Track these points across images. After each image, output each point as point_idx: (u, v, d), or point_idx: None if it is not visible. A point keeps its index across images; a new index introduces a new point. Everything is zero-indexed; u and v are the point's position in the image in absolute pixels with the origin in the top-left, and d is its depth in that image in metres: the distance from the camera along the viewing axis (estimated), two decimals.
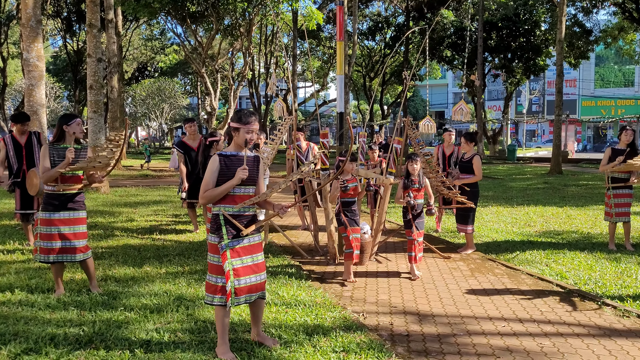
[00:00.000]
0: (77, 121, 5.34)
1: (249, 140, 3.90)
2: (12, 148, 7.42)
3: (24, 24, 9.91)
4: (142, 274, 6.26)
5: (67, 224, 5.27)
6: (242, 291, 3.86)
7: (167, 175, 20.62)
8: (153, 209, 11.48)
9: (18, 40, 35.74)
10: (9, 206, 11.82)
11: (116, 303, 5.14)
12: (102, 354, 4.00)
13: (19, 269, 6.43)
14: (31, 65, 9.80)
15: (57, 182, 5.21)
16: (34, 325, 4.55)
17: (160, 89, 40.80)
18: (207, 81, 25.15)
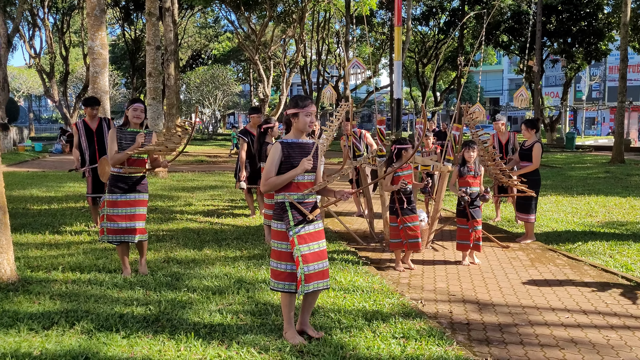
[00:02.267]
0: (134, 106, 5.49)
1: (309, 124, 3.93)
2: (84, 133, 7.67)
3: (88, 13, 10.23)
4: (202, 256, 6.42)
5: (130, 205, 5.46)
6: (311, 278, 3.90)
7: (221, 161, 20.98)
8: (210, 193, 11.72)
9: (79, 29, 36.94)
10: (74, 189, 12.32)
11: (179, 284, 5.30)
12: (168, 333, 4.13)
13: (86, 249, 6.70)
14: (95, 53, 10.12)
15: (123, 164, 5.39)
16: (103, 304, 4.74)
17: (213, 76, 41.41)
18: (260, 68, 25.38)
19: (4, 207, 5.29)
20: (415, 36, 36.35)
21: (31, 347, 3.86)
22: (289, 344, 3.94)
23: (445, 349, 3.93)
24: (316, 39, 34.36)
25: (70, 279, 5.45)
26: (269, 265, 5.93)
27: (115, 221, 5.40)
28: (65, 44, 32.98)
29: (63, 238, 7.33)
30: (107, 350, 3.80)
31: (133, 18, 34.60)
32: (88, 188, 7.81)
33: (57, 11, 33.12)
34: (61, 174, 16.26)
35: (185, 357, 3.72)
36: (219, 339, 4.04)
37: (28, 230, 7.72)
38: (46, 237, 7.38)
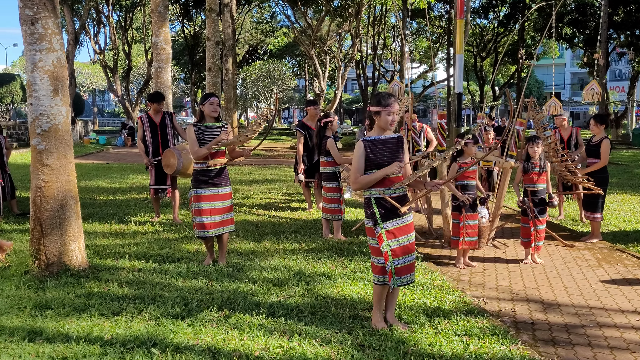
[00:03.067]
0: (210, 100, 5.62)
1: (390, 122, 3.93)
2: (148, 127, 7.90)
3: (153, 10, 10.51)
4: (261, 248, 6.51)
5: (215, 199, 5.59)
6: (402, 271, 3.97)
7: (277, 155, 21.19)
8: (267, 187, 11.87)
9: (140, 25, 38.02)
10: (137, 181, 12.71)
11: (240, 275, 5.39)
12: (231, 322, 4.22)
13: (150, 239, 6.91)
14: (159, 49, 10.39)
15: (207, 158, 5.53)
16: (169, 291, 4.88)
17: (269, 71, 41.81)
18: (316, 63, 25.44)
19: (76, 197, 5.52)
20: (473, 29, 35.61)
21: (102, 331, 4.02)
22: (350, 337, 3.95)
23: (510, 348, 3.85)
24: (372, 33, 34.15)
25: (136, 267, 5.64)
26: (327, 259, 6.00)
27: (202, 216, 5.55)
28: (128, 40, 34.01)
29: (128, 228, 7.58)
30: (174, 337, 3.91)
31: (192, 14, 35.32)
32: (151, 180, 8.02)
33: (120, 8, 34.16)
34: (124, 166, 16.82)
35: (249, 347, 3.79)
36: (280, 330, 4.09)
37: (95, 219, 8.02)
38: (112, 226, 7.65)
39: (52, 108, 5.24)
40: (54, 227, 5.28)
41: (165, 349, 3.70)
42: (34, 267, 5.28)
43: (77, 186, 5.59)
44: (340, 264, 5.82)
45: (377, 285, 4.11)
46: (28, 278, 5.16)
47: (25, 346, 3.76)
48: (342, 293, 4.89)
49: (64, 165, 5.35)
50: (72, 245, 5.39)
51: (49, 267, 5.25)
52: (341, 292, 4.91)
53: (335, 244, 6.68)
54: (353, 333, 4.03)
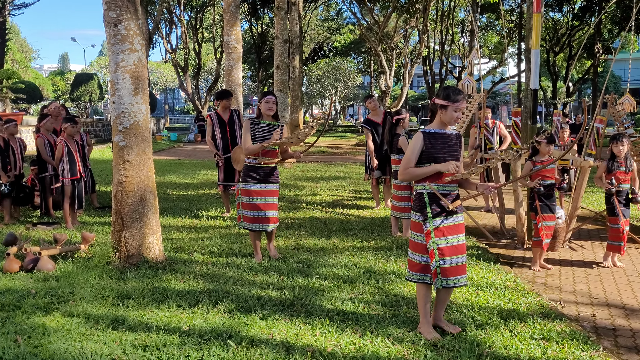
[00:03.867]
0: (266, 99, 5.69)
1: (455, 119, 3.85)
2: (217, 125, 8.10)
3: (225, 10, 10.76)
4: (330, 245, 6.54)
5: (262, 195, 5.68)
6: (450, 272, 3.84)
7: (342, 153, 21.22)
8: (333, 184, 11.91)
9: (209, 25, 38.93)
10: (207, 177, 13.06)
11: (310, 271, 5.44)
12: (303, 317, 4.26)
13: (222, 234, 7.08)
14: (230, 48, 10.62)
15: (258, 155, 5.62)
16: (241, 286, 4.99)
17: (335, 69, 41.87)
18: (382, 59, 25.29)
19: (154, 192, 5.73)
20: (546, 23, 34.38)
21: (180, 322, 4.16)
22: (423, 337, 3.91)
23: (591, 354, 3.71)
24: (439, 28, 33.61)
25: (209, 261, 5.80)
26: (397, 257, 5.96)
27: (249, 209, 5.65)
28: (198, 39, 34.92)
29: (200, 222, 7.80)
30: (248, 330, 3.99)
31: (260, 13, 35.86)
32: (220, 176, 8.21)
33: (191, 9, 35.12)
34: (195, 162, 17.31)
35: (321, 342, 3.82)
36: (352, 327, 4.10)
37: (169, 214, 8.29)
38: (186, 221, 7.89)
39: (133, 106, 5.46)
40: (134, 221, 5.50)
41: (241, 341, 3.79)
42: (115, 258, 5.52)
43: (155, 181, 5.80)
44: None
45: (419, 284, 3.97)
46: (110, 269, 5.41)
47: (109, 334, 3.94)
48: (413, 293, 4.85)
49: (144, 161, 5.57)
50: (150, 238, 5.60)
51: (129, 258, 5.48)
52: (412, 292, 4.86)
53: (405, 242, 6.63)
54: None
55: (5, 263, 5.48)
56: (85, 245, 6.10)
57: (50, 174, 8.19)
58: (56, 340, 3.82)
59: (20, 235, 6.41)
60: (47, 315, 4.28)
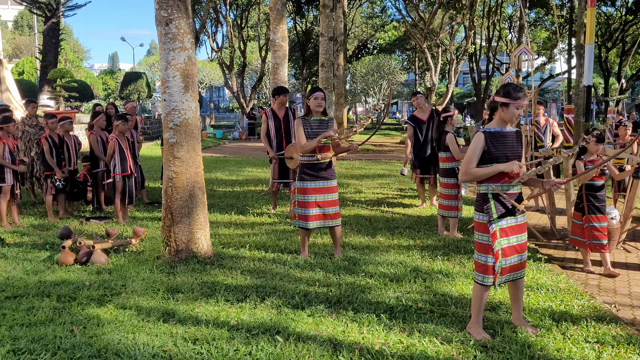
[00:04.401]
0: (315, 95, 5.68)
1: (517, 116, 3.77)
2: (273, 122, 8.13)
3: (271, 8, 10.84)
4: (375, 243, 6.52)
5: (320, 192, 5.68)
6: (505, 270, 3.81)
7: (386, 150, 21.10)
8: (378, 182, 11.86)
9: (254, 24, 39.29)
10: (252, 174, 13.18)
11: (356, 269, 5.43)
12: (350, 315, 4.26)
13: (268, 230, 7.14)
14: (276, 46, 10.70)
15: (314, 152, 5.63)
16: (288, 282, 5.02)
17: (379, 66, 41.69)
18: (427, 56, 25.02)
19: (203, 188, 5.82)
20: (598, 18, 33.32)
21: (228, 316, 4.21)
22: (472, 337, 3.85)
23: None
24: (486, 24, 33.00)
25: (256, 257, 5.85)
26: (443, 256, 5.89)
27: (306, 207, 5.67)
28: (243, 38, 35.30)
29: (247, 219, 7.88)
30: (295, 326, 4.02)
31: (304, 11, 35.97)
32: (274, 174, 8.24)
33: (237, 7, 35.52)
34: (240, 159, 17.51)
35: (368, 340, 3.80)
36: (399, 325, 4.07)
37: (216, 210, 8.41)
38: (232, 217, 7.99)
39: (183, 104, 5.56)
40: (183, 216, 5.60)
41: (288, 337, 3.81)
42: (165, 253, 5.64)
43: (203, 177, 5.89)
44: (457, 262, 5.69)
45: (479, 285, 3.91)
46: (160, 263, 5.52)
47: (161, 326, 4.02)
48: (461, 292, 4.78)
49: (193, 158, 5.66)
50: (198, 234, 5.69)
51: (178, 253, 5.59)
52: (460, 291, 4.80)
53: (452, 241, 6.54)
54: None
55: (60, 255, 5.67)
56: (136, 240, 6.25)
57: (102, 170, 8.42)
58: (110, 331, 3.93)
59: (75, 229, 6.62)
60: (101, 307, 4.40)
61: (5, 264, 5.61)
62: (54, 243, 6.44)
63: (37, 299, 4.60)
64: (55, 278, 5.15)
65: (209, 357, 3.56)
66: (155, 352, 3.61)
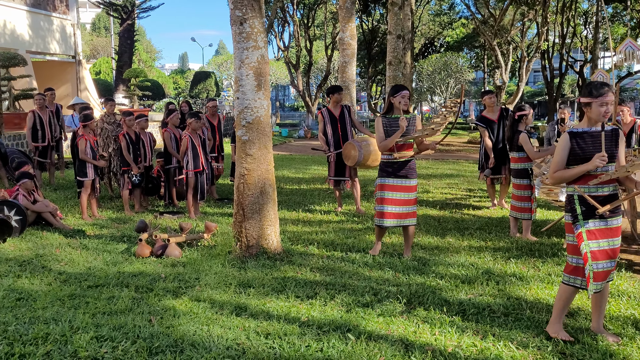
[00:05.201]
0: (402, 93, 5.63)
1: (603, 114, 3.62)
2: (329, 120, 8.17)
3: (340, 6, 10.86)
4: (445, 244, 6.41)
5: (399, 190, 5.65)
6: (601, 277, 3.66)
7: (454, 150, 20.73)
8: (446, 181, 11.66)
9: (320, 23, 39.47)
10: (318, 172, 13.25)
11: (426, 269, 5.36)
12: (421, 315, 4.21)
13: (335, 228, 7.16)
14: (345, 44, 10.71)
15: (393, 150, 5.60)
16: (357, 280, 5.02)
17: (446, 64, 40.95)
18: (498, 54, 24.39)
19: (274, 185, 5.90)
20: None
21: (299, 312, 4.25)
22: (549, 343, 3.72)
23: None
24: (560, 20, 31.82)
25: (325, 254, 5.88)
26: (517, 259, 5.72)
27: (383, 205, 5.66)
28: (309, 37, 35.54)
29: (314, 216, 7.93)
30: (366, 325, 4.00)
31: (370, 9, 35.83)
32: (330, 171, 8.26)
33: (303, 7, 35.79)
34: (306, 157, 17.65)
35: (441, 342, 3.75)
36: (472, 328, 3.99)
37: (284, 207, 8.50)
38: (299, 214, 8.06)
39: (256, 102, 5.65)
40: (254, 212, 5.69)
41: (359, 335, 3.81)
42: (236, 248, 5.75)
43: (274, 175, 5.96)
44: (531, 266, 5.51)
45: (566, 286, 3.80)
46: (231, 258, 5.64)
47: (234, 319, 4.10)
48: (536, 296, 4.63)
49: (264, 155, 5.75)
50: (268, 230, 5.77)
51: (249, 248, 5.69)
52: (535, 295, 4.65)
53: (525, 244, 6.35)
54: (552, 339, 3.79)
55: (137, 248, 5.89)
56: (208, 235, 6.40)
57: (175, 166, 8.69)
58: (185, 322, 4.04)
59: (150, 223, 6.86)
60: (176, 299, 4.54)
61: (86, 255, 5.88)
62: (130, 236, 6.70)
63: (117, 288, 4.80)
64: (133, 269, 5.36)
65: (281, 352, 3.60)
66: (229, 344, 3.68)
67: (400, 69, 17.18)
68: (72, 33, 22.62)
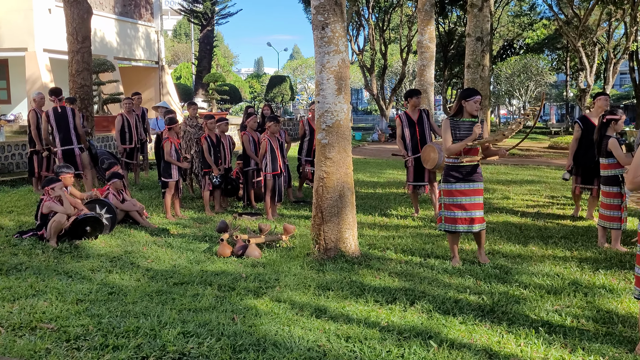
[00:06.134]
0: (475, 98, 5.51)
1: None
2: (407, 124, 8.08)
3: (419, 9, 10.77)
4: (527, 252, 6.20)
5: (466, 194, 5.54)
6: None
7: (534, 155, 20.03)
8: (527, 188, 11.28)
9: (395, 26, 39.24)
10: (393, 176, 13.16)
11: (509, 278, 5.20)
12: (505, 325, 4.09)
13: (413, 233, 7.08)
14: (423, 47, 10.60)
15: (459, 154, 5.49)
16: (436, 287, 4.94)
17: (525, 66, 39.72)
18: (582, 55, 23.40)
19: (352, 189, 5.92)
20: None
21: (378, 317, 4.23)
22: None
23: None
24: None
25: (402, 259, 5.83)
26: (606, 270, 5.46)
27: (452, 210, 5.56)
28: (384, 40, 35.42)
29: (390, 221, 7.88)
30: (448, 333, 3.94)
31: (447, 12, 35.27)
32: (409, 176, 8.16)
33: (379, 10, 35.72)
34: (380, 161, 17.58)
35: (527, 353, 3.63)
36: (560, 341, 3.83)
37: (360, 211, 8.47)
38: (376, 218, 8.03)
39: (336, 105, 5.68)
40: (333, 215, 5.73)
41: (441, 343, 3.75)
42: (314, 250, 5.81)
43: (353, 178, 5.98)
44: (622, 278, 5.24)
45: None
46: (310, 260, 5.70)
47: (314, 321, 4.14)
48: (628, 310, 4.40)
49: (343, 159, 5.77)
50: (347, 233, 5.79)
51: (327, 251, 5.72)
52: (628, 309, 4.42)
53: (614, 254, 6.04)
54: None
55: (219, 248, 6.06)
56: (287, 236, 6.50)
57: (253, 169, 8.87)
58: (267, 322, 4.12)
59: (230, 223, 7.04)
60: (257, 299, 4.64)
61: (171, 253, 6.12)
62: (212, 235, 6.90)
63: (201, 286, 4.96)
64: (215, 268, 5.52)
65: (361, 355, 3.60)
66: (310, 346, 3.72)
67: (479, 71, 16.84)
68: (155, 40, 23.62)
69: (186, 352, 3.65)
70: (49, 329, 4.02)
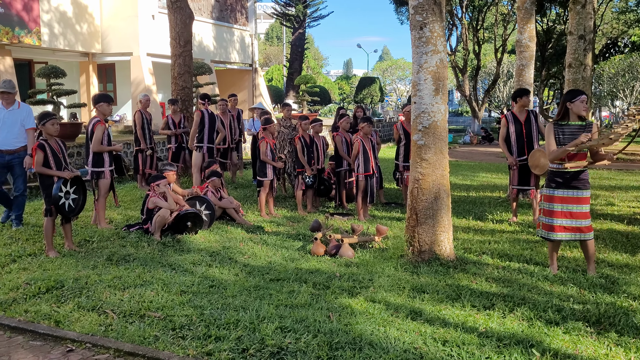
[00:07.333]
0: (581, 98, 5.25)
1: None
2: (513, 126, 7.76)
3: (519, 7, 10.41)
4: (636, 262, 5.83)
5: (569, 202, 5.28)
6: None
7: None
8: (633, 194, 10.61)
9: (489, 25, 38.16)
10: (487, 179, 12.80)
11: (616, 288, 4.92)
12: (613, 337, 3.88)
13: (510, 238, 6.86)
14: (523, 46, 10.24)
15: (563, 160, 5.25)
16: (537, 294, 4.76)
17: (631, 66, 37.31)
18: None
19: (448, 191, 5.82)
20: None
21: (476, 323, 4.14)
22: None
23: None
24: None
25: (500, 265, 5.66)
26: None
27: (550, 217, 5.33)
28: (478, 40, 34.53)
29: (485, 225, 7.67)
30: (550, 342, 3.79)
31: (546, 9, 33.85)
32: (513, 180, 7.87)
33: (472, 9, 34.87)
34: (473, 164, 17.14)
35: None
36: None
37: (453, 214, 8.28)
38: (470, 222, 7.84)
39: (433, 106, 5.61)
40: (428, 218, 5.66)
41: (544, 352, 3.61)
42: (408, 252, 5.76)
43: (449, 181, 5.87)
44: None
45: None
46: (403, 262, 5.66)
47: (409, 323, 4.12)
48: None
49: (440, 160, 5.69)
50: (442, 236, 5.70)
51: (421, 253, 5.66)
52: None
53: None
54: None
55: (313, 246, 6.16)
56: (379, 238, 6.49)
57: (345, 169, 8.92)
58: (362, 321, 4.14)
59: (323, 223, 7.12)
60: (352, 298, 4.67)
61: (266, 250, 6.28)
62: (305, 234, 7.02)
63: (296, 283, 5.06)
64: (310, 266, 5.61)
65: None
66: (406, 347, 3.70)
67: (580, 71, 16.00)
68: (250, 43, 24.32)
69: (284, 347, 3.74)
70: (156, 317, 4.25)
